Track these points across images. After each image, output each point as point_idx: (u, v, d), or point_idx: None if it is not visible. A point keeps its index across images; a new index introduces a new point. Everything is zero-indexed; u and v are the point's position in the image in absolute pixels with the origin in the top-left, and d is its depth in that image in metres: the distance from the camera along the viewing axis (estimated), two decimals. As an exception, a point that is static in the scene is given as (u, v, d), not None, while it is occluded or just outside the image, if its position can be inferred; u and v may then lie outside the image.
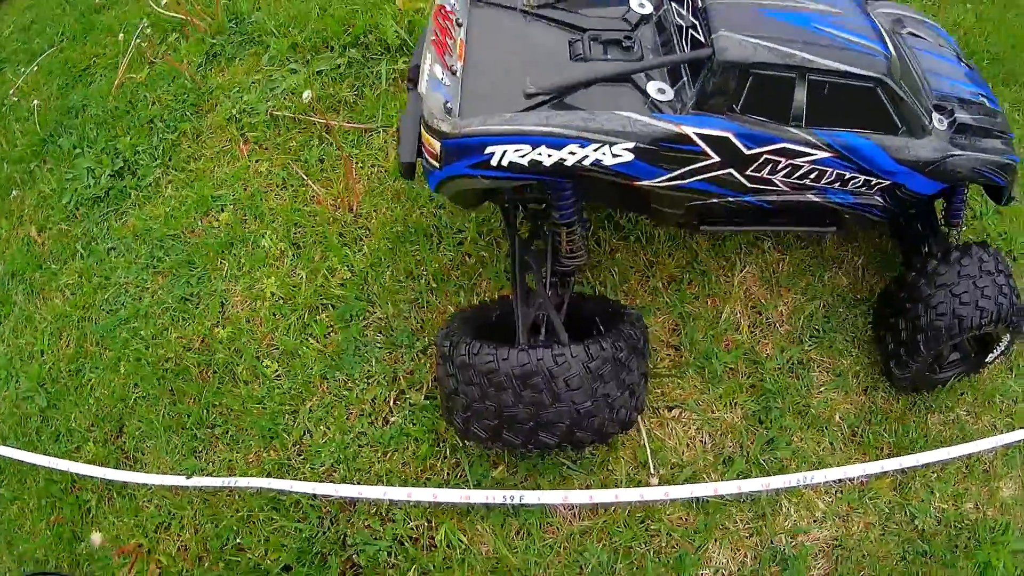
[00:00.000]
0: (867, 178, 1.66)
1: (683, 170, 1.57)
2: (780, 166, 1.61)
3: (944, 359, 1.93)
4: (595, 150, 1.50)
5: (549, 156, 1.48)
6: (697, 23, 1.57)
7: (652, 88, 1.56)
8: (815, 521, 1.90)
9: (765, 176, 1.63)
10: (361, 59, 2.46)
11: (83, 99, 3.00)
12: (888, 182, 1.68)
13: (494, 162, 1.47)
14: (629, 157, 1.52)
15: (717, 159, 1.56)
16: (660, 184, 1.58)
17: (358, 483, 1.95)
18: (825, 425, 1.97)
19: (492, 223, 2.11)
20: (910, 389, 1.99)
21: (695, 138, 1.52)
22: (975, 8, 2.82)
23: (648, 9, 1.77)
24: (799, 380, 2.00)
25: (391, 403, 2.02)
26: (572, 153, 1.50)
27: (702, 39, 1.54)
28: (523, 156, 1.48)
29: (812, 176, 1.65)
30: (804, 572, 1.86)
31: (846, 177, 1.66)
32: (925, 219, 1.95)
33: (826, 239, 2.13)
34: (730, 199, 1.67)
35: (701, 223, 1.75)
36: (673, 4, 1.71)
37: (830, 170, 1.64)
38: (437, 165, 1.53)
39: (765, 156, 1.59)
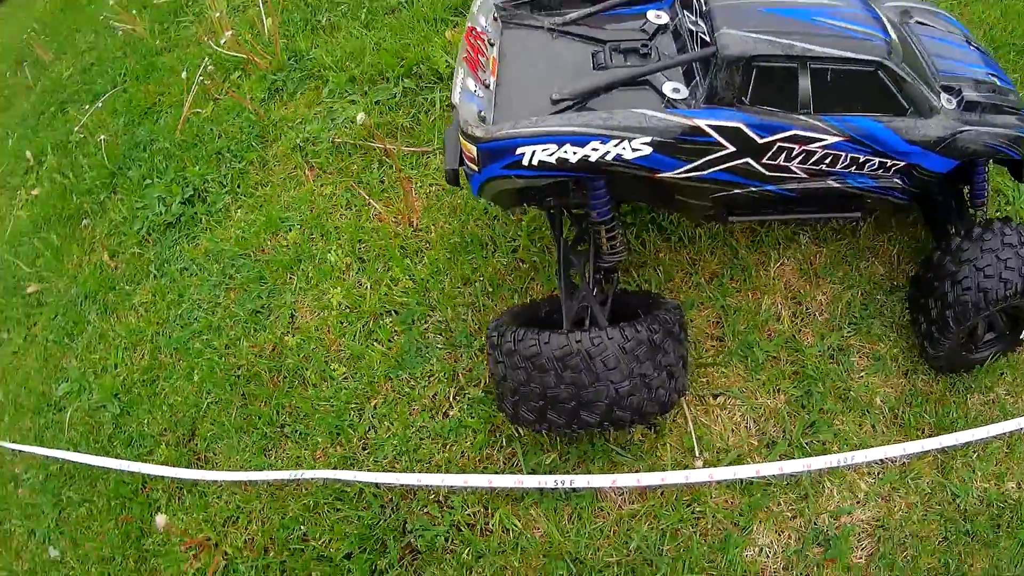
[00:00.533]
0: (882, 160, 1.87)
1: (701, 161, 1.80)
2: (794, 153, 1.83)
3: (979, 338, 2.10)
4: (615, 145, 1.73)
5: (574, 153, 1.73)
6: (704, 25, 1.81)
7: (668, 88, 1.83)
8: (858, 502, 2.09)
9: (781, 163, 1.84)
10: (415, 88, 2.77)
11: (150, 134, 3.34)
12: (903, 163, 1.88)
13: (525, 162, 1.73)
14: (648, 151, 1.76)
15: (732, 148, 1.79)
16: (681, 176, 1.81)
17: (419, 472, 2.14)
18: (866, 408, 2.18)
19: (543, 231, 2.37)
20: (947, 369, 2.16)
21: (708, 129, 1.75)
22: (999, 4, 3.01)
23: (664, 19, 2.06)
24: (839, 365, 2.22)
25: (451, 398, 2.26)
26: (595, 149, 1.74)
27: (708, 39, 1.78)
28: (551, 155, 1.73)
29: (827, 161, 1.86)
30: (848, 552, 2.05)
31: (861, 160, 1.86)
32: (952, 203, 2.15)
33: (860, 229, 2.37)
34: (752, 189, 1.89)
35: (729, 214, 1.96)
36: (685, 12, 1.97)
37: (844, 154, 1.85)
38: (476, 168, 1.80)
39: (778, 144, 1.81)
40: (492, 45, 2.00)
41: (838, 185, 1.92)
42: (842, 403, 2.18)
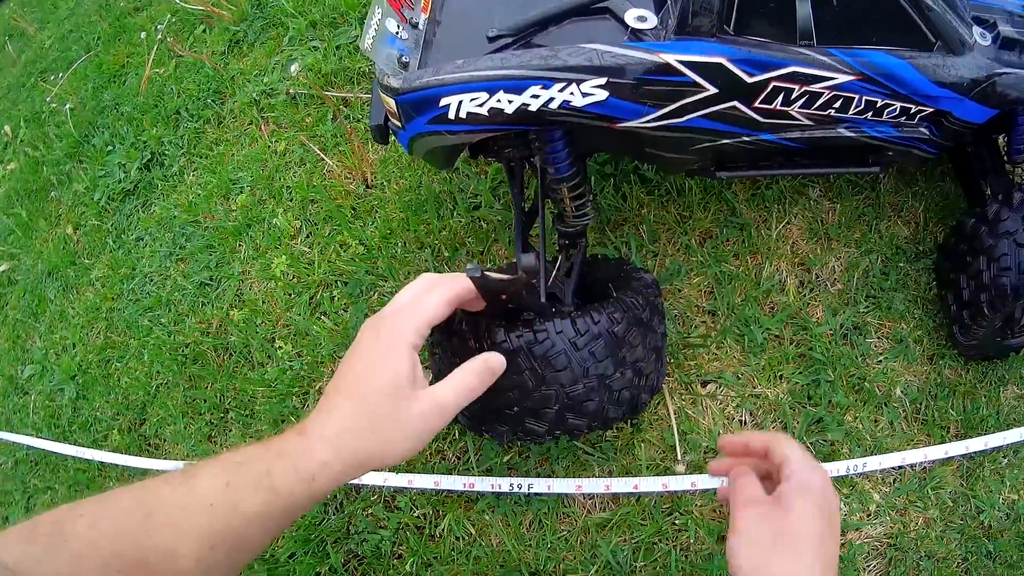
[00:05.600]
0: (904, 105, 1.44)
1: (674, 106, 1.39)
2: (795, 95, 1.41)
3: (1017, 322, 1.70)
4: (560, 90, 1.36)
5: (509, 102, 1.37)
6: None
7: (631, 17, 1.41)
8: (868, 516, 1.72)
9: (779, 108, 1.43)
10: (377, 30, 2.46)
11: (115, 98, 3.16)
12: (930, 109, 1.46)
13: (451, 115, 1.37)
14: (602, 95, 1.36)
15: (714, 90, 1.38)
16: (649, 125, 1.41)
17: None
18: (884, 401, 1.79)
19: (507, 186, 2.04)
20: (978, 356, 1.78)
21: (680, 67, 1.34)
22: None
23: None
24: (854, 348, 1.83)
25: (402, 381, 1.95)
26: (535, 96, 1.37)
27: None
28: (480, 105, 1.37)
29: (837, 105, 1.44)
30: (851, 575, 1.69)
31: (879, 105, 1.44)
32: (986, 156, 1.72)
33: (881, 182, 1.94)
34: (745, 138, 1.48)
35: (718, 169, 1.57)
36: None
37: (857, 96, 1.42)
38: (400, 125, 1.45)
39: (773, 84, 1.39)
40: None
41: (852, 134, 1.50)
42: (855, 394, 1.79)
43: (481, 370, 1.14)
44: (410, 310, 1.08)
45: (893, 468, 1.73)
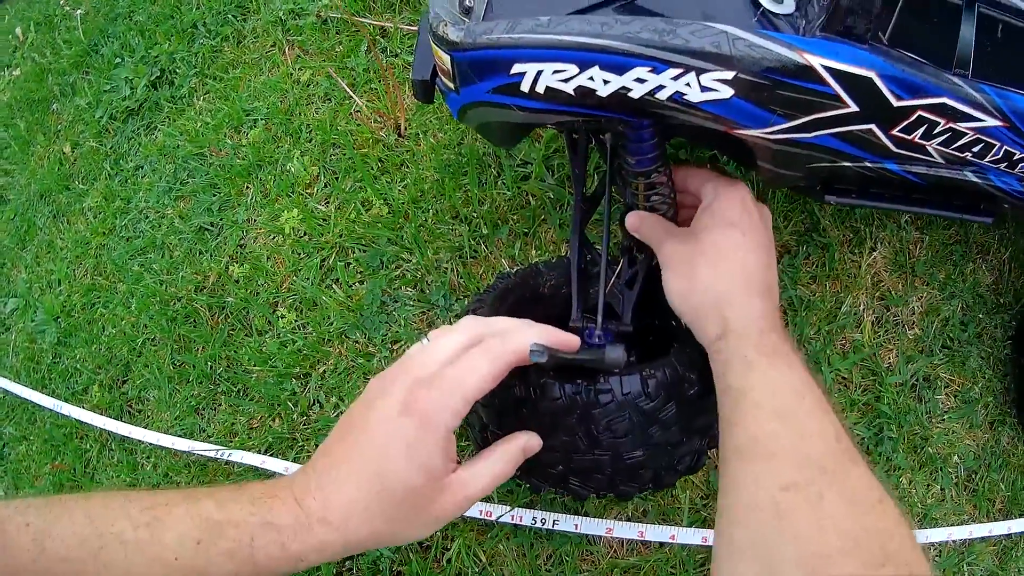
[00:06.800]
0: None
1: (805, 119, 1.03)
2: (938, 129, 1.07)
3: None
4: (675, 78, 0.97)
5: (605, 83, 0.98)
6: None
7: None
8: None
9: (916, 140, 1.09)
10: (428, -52, 2.05)
11: (130, 5, 2.79)
12: None
13: (525, 87, 1.02)
14: (726, 93, 0.98)
15: (855, 108, 1.02)
16: (772, 136, 1.05)
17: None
18: (941, 465, 1.56)
19: (565, 155, 1.66)
20: None
21: (824, 74, 0.98)
22: None
23: None
24: (922, 403, 1.57)
25: (419, 376, 1.62)
26: (640, 80, 0.98)
27: None
28: (566, 80, 0.99)
29: (976, 149, 1.11)
30: None
31: (1015, 158, 1.12)
32: None
33: (974, 224, 1.66)
34: (868, 164, 1.14)
35: (826, 191, 1.24)
36: None
37: (998, 144, 1.10)
38: (452, 87, 1.08)
39: (920, 113, 1.04)
40: None
41: (977, 180, 1.19)
42: (915, 455, 1.54)
43: (516, 458, 1.01)
44: (450, 385, 0.87)
45: (937, 542, 1.52)
